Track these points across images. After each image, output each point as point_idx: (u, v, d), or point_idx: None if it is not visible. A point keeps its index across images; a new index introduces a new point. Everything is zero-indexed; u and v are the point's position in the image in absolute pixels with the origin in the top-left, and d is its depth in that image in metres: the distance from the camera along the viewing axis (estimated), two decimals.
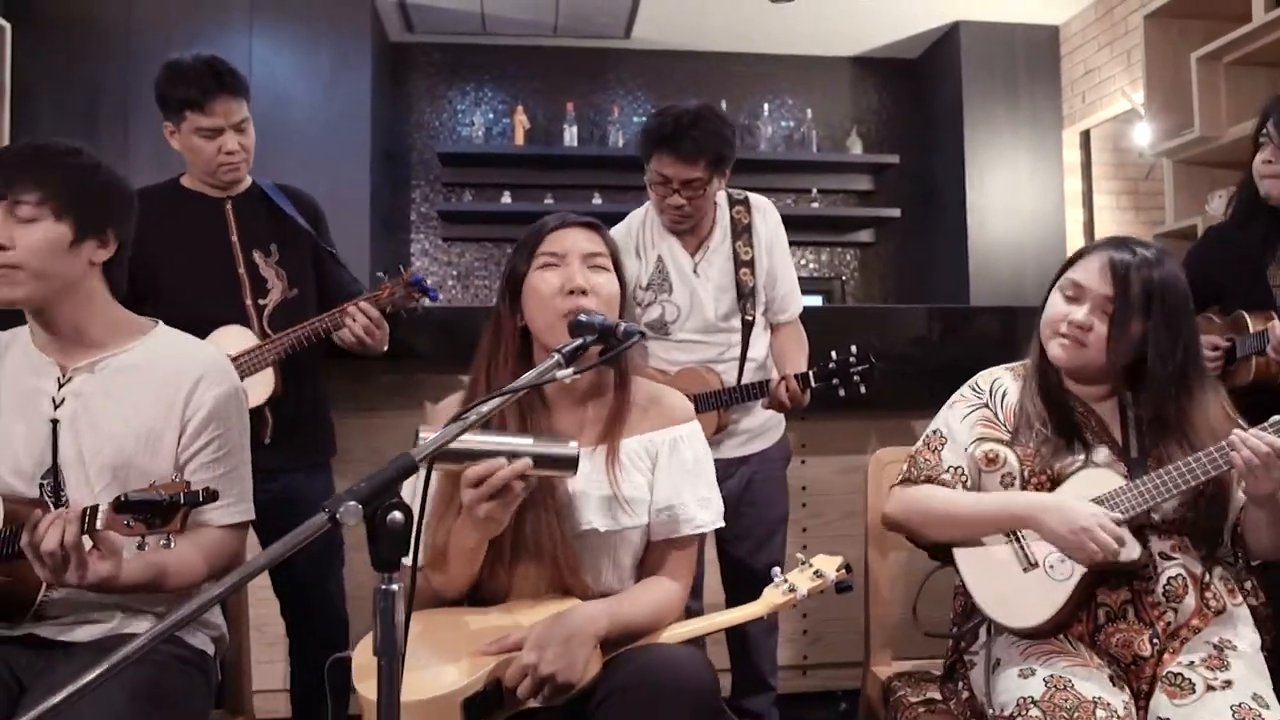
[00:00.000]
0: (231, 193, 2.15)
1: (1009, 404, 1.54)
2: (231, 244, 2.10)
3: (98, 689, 1.18)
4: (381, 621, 0.88)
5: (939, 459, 1.55)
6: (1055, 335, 1.48)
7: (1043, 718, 1.27)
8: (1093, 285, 1.46)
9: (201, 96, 2.01)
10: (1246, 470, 1.30)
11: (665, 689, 1.13)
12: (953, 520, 1.50)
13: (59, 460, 1.38)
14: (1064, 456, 1.46)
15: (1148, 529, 1.42)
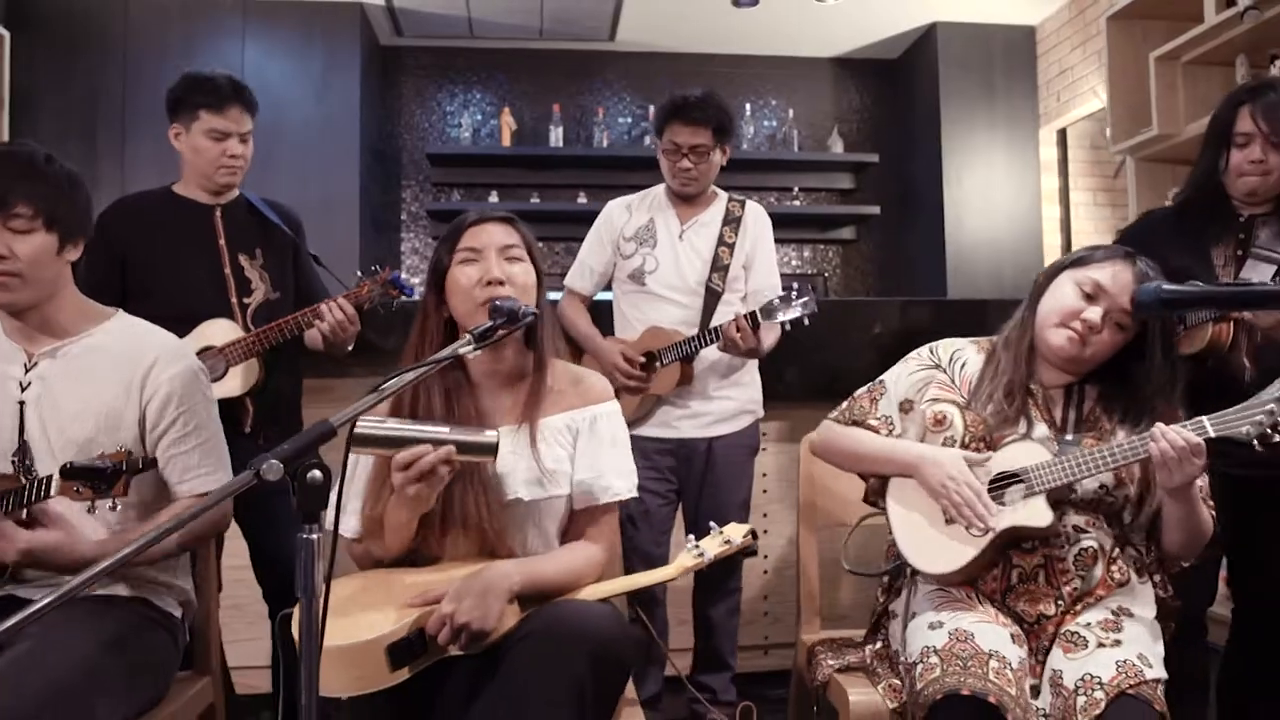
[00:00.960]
0: (221, 200, 2.31)
1: (967, 372, 1.66)
2: (219, 247, 2.26)
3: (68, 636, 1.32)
4: (302, 565, 1.00)
5: (874, 407, 1.69)
6: (1064, 326, 1.56)
7: (940, 665, 1.39)
8: (1116, 294, 1.54)
9: (219, 101, 2.24)
10: (1161, 461, 1.41)
11: (566, 634, 1.25)
12: (856, 458, 1.68)
13: (26, 438, 1.51)
14: (1007, 428, 1.57)
15: (1066, 503, 1.53)
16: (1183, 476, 1.42)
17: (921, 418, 1.64)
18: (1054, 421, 1.59)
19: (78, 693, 1.30)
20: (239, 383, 2.14)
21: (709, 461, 2.48)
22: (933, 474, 1.53)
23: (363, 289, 2.22)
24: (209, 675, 1.71)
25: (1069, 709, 1.33)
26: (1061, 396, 1.62)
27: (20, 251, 1.46)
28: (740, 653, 2.81)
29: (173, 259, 2.23)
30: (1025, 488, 1.50)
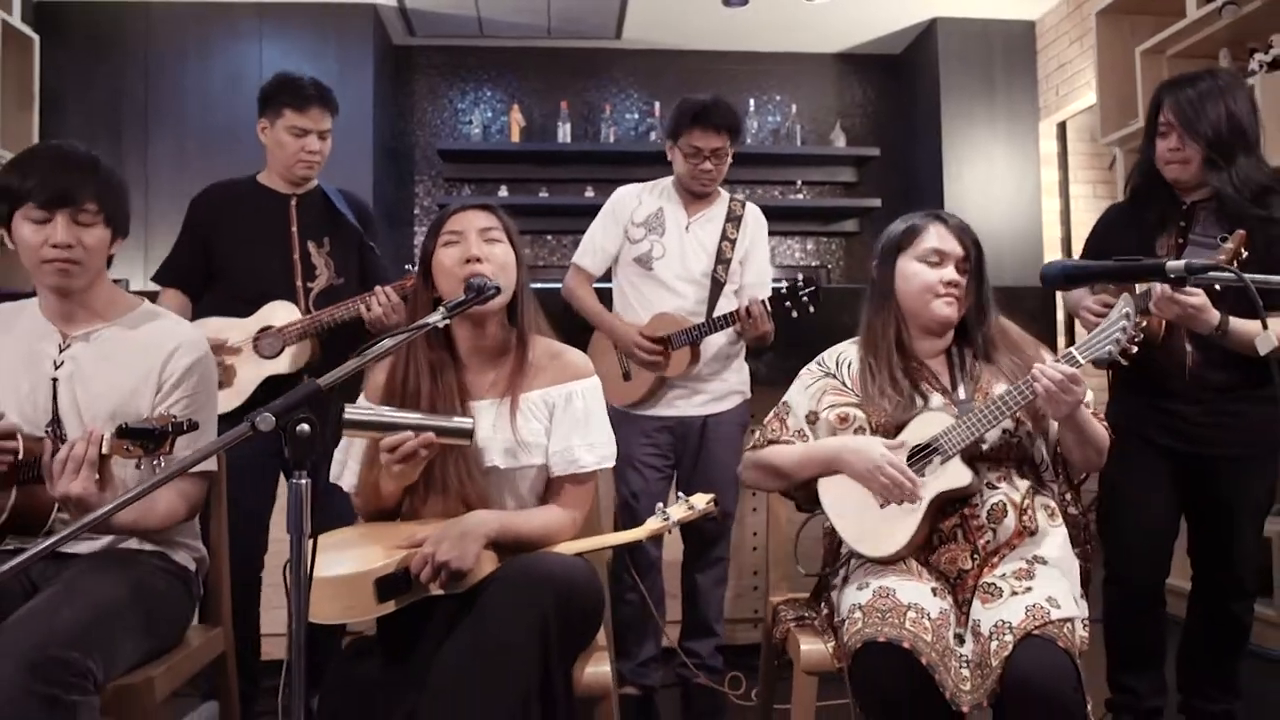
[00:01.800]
0: (298, 191, 2.50)
1: (854, 371, 1.78)
2: (291, 234, 2.45)
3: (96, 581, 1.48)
4: (292, 505, 1.15)
5: (784, 426, 1.81)
6: (938, 297, 1.70)
7: (862, 619, 1.51)
8: (952, 249, 1.71)
9: (302, 101, 2.43)
10: (1047, 397, 1.54)
11: (535, 578, 1.39)
12: (779, 471, 1.76)
13: (59, 411, 1.67)
14: (906, 406, 1.69)
15: (978, 460, 1.66)
16: (1068, 406, 1.55)
17: (827, 422, 1.76)
18: (945, 389, 1.71)
19: (104, 629, 1.45)
20: (290, 361, 2.33)
21: (703, 438, 2.64)
22: (855, 461, 1.64)
23: (408, 280, 2.36)
24: (220, 627, 1.86)
25: (985, 653, 1.45)
26: (944, 365, 1.75)
27: (85, 242, 1.62)
28: (731, 625, 2.96)
29: (248, 244, 2.43)
30: (941, 455, 1.62)
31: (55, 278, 1.63)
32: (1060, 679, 1.40)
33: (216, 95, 5.15)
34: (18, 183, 1.59)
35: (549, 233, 5.90)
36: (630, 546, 2.56)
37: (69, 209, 1.60)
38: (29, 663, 1.33)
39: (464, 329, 1.63)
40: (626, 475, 2.57)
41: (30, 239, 1.60)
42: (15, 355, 1.68)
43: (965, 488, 1.60)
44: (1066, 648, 1.44)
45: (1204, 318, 1.96)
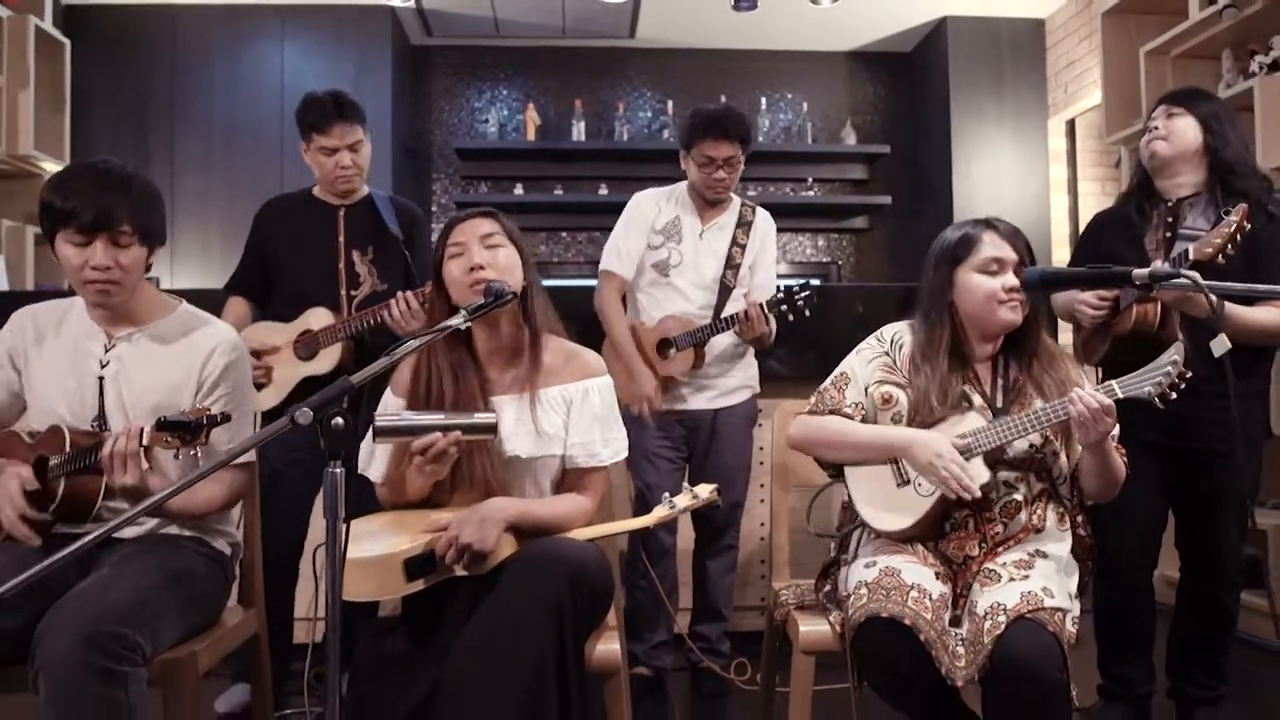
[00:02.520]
0: (347, 201, 2.62)
1: (905, 354, 1.86)
2: (338, 244, 2.57)
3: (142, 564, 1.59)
4: (328, 491, 1.25)
5: (843, 396, 1.87)
6: (1002, 304, 1.77)
7: (867, 595, 1.61)
8: (1009, 256, 1.79)
9: (323, 121, 2.51)
10: (1079, 422, 1.62)
11: (550, 560, 1.49)
12: (846, 444, 1.82)
13: (104, 407, 1.78)
14: (948, 403, 1.77)
15: (1000, 464, 1.74)
16: (1097, 433, 1.63)
17: (873, 399, 1.85)
18: (985, 394, 1.80)
19: (150, 607, 1.57)
20: (325, 363, 2.44)
21: (714, 430, 2.74)
22: (922, 454, 1.71)
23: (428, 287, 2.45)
24: (254, 609, 1.98)
25: (979, 631, 1.55)
26: (990, 371, 1.83)
27: (122, 262, 1.72)
28: (740, 613, 3.05)
29: (298, 255, 2.56)
30: (967, 453, 1.71)
31: (96, 297, 1.74)
32: (1046, 659, 1.49)
33: (239, 96, 5.28)
34: (60, 203, 1.69)
35: (564, 229, 6.00)
36: (645, 536, 2.68)
37: (107, 233, 1.69)
38: (85, 637, 1.45)
39: (481, 330, 1.74)
40: (641, 467, 2.67)
41: (72, 260, 1.71)
42: (63, 355, 1.79)
43: (983, 485, 1.69)
44: (1055, 632, 1.53)
45: (1200, 300, 2.03)
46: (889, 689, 1.63)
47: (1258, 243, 2.15)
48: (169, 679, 1.63)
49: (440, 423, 1.57)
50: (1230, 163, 2.20)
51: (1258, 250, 2.16)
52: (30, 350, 1.81)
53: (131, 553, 1.68)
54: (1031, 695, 1.50)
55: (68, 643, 1.44)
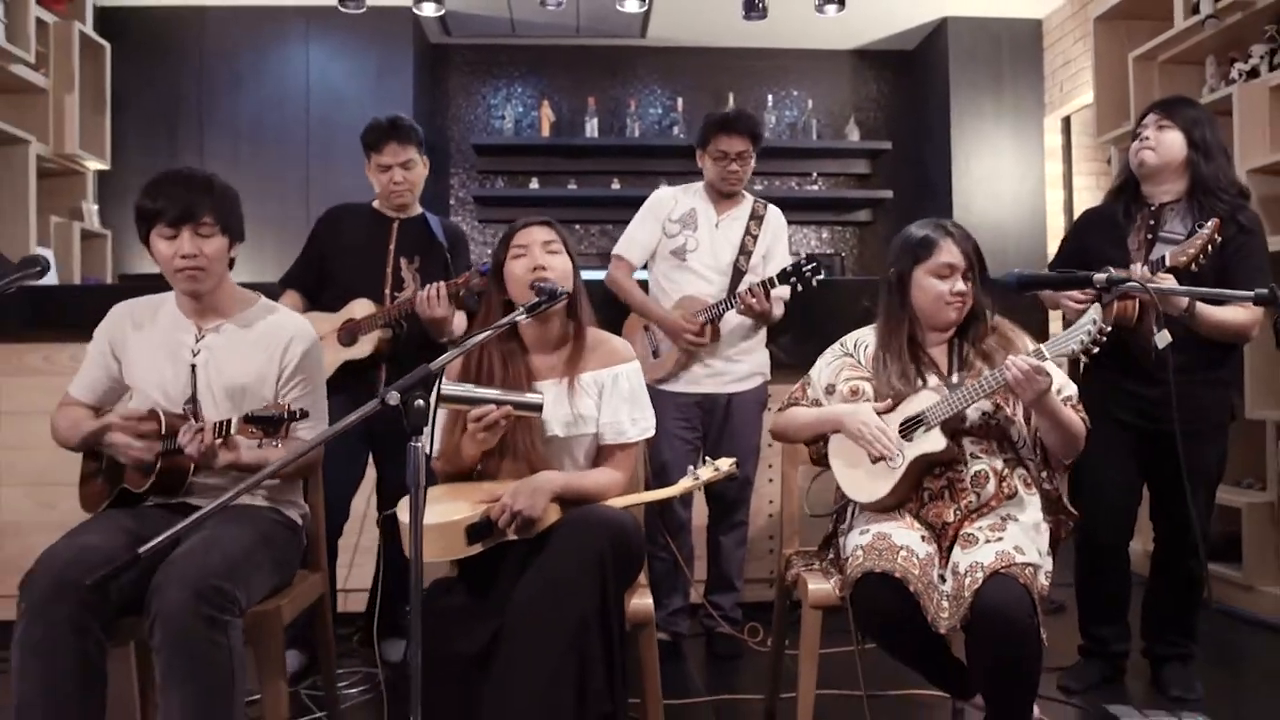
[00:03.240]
0: (401, 215, 2.88)
1: (868, 353, 2.11)
2: (389, 251, 2.83)
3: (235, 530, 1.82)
4: (411, 462, 1.48)
5: (804, 394, 2.16)
6: (948, 304, 2.01)
7: (863, 556, 1.84)
8: (959, 262, 2.01)
9: (378, 140, 2.80)
10: (1015, 383, 1.84)
11: (593, 523, 1.72)
12: (802, 425, 2.12)
13: (196, 392, 2.01)
14: (906, 384, 2.01)
15: (962, 433, 1.98)
16: (1033, 392, 1.84)
17: (841, 393, 2.10)
18: (942, 374, 2.03)
19: (242, 568, 1.79)
20: (367, 348, 2.69)
21: (727, 413, 2.98)
22: (850, 423, 1.99)
23: (462, 279, 2.67)
24: (320, 572, 2.21)
25: (960, 587, 1.77)
26: (945, 353, 2.06)
27: (206, 251, 1.95)
28: (750, 585, 3.29)
29: (352, 259, 2.82)
30: (925, 425, 1.94)
31: (186, 284, 1.97)
32: (1018, 608, 1.72)
33: (267, 95, 5.49)
34: (150, 205, 1.93)
35: (577, 222, 6.22)
36: (663, 511, 2.92)
37: (191, 224, 1.92)
38: (194, 590, 1.68)
39: (531, 324, 1.96)
40: (659, 446, 2.90)
41: (164, 252, 1.94)
42: (158, 344, 2.02)
43: (941, 452, 1.92)
44: (1026, 584, 1.76)
45: (1174, 300, 2.26)
46: (883, 637, 1.86)
47: (1228, 251, 2.38)
48: (259, 629, 1.86)
49: (496, 396, 1.80)
50: (1208, 179, 2.42)
51: (1228, 258, 2.38)
52: (129, 340, 2.04)
53: (222, 521, 1.90)
54: (1006, 638, 1.73)
55: (180, 594, 1.67)
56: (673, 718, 2.37)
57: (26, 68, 4.05)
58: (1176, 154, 2.45)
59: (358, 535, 2.87)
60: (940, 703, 2.49)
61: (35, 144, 4.04)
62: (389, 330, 2.72)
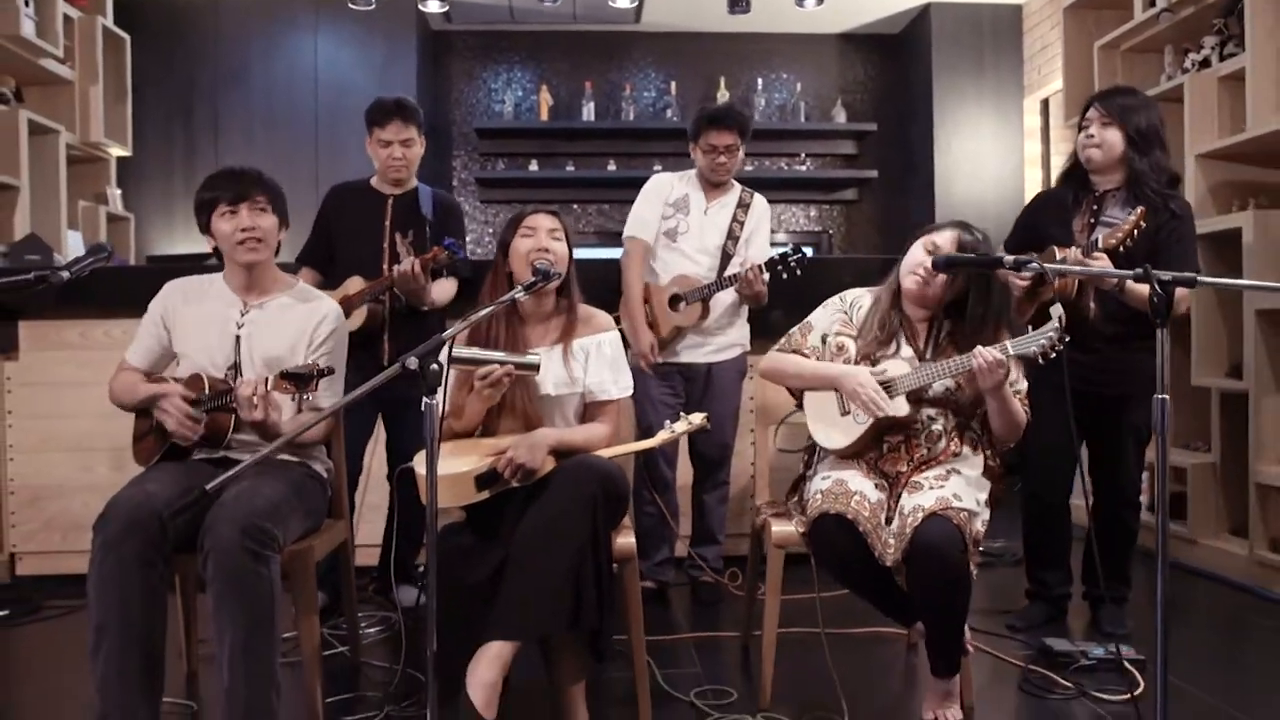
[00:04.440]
0: (396, 191, 3.12)
1: (860, 313, 2.36)
2: (385, 227, 3.07)
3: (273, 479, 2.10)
4: (427, 419, 1.75)
5: (805, 339, 2.38)
6: (912, 274, 2.25)
7: (821, 499, 2.12)
8: (946, 247, 2.24)
9: (382, 117, 3.03)
10: (978, 370, 2.09)
11: (584, 468, 2.00)
12: (800, 375, 2.34)
13: (239, 359, 2.29)
14: (884, 349, 2.27)
15: (924, 400, 2.24)
16: (992, 381, 2.11)
17: (830, 347, 2.35)
18: (918, 347, 2.29)
19: (280, 512, 2.07)
20: (357, 321, 2.94)
21: (708, 381, 3.25)
22: (848, 383, 2.22)
23: (431, 253, 2.92)
24: (343, 519, 2.50)
25: (904, 526, 2.05)
26: (925, 329, 2.32)
27: (262, 225, 2.24)
28: (732, 539, 3.57)
29: (352, 234, 3.07)
30: (894, 391, 2.20)
31: (247, 254, 2.25)
32: (950, 543, 2.00)
33: (278, 82, 5.74)
34: (209, 195, 2.22)
35: (575, 203, 6.47)
36: (651, 470, 3.21)
37: (248, 201, 2.22)
38: (241, 528, 1.96)
39: (529, 299, 2.24)
40: (645, 410, 3.16)
41: (225, 229, 2.22)
42: (209, 316, 2.30)
43: (902, 417, 2.19)
44: (959, 525, 2.02)
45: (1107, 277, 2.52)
46: (837, 570, 2.15)
47: (1161, 235, 2.65)
48: (294, 563, 2.15)
49: (498, 357, 2.08)
50: (1142, 174, 2.68)
51: (1160, 241, 2.66)
52: (179, 313, 2.31)
53: (262, 471, 2.19)
54: (938, 570, 2.00)
55: (229, 532, 1.95)
56: (658, 652, 2.68)
57: (55, 61, 4.30)
58: (1117, 150, 2.71)
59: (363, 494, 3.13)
60: (892, 639, 2.80)
61: (64, 133, 4.30)
62: (377, 304, 2.97)
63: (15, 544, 3.56)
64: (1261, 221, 3.36)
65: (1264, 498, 3.32)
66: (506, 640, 1.86)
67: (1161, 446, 1.72)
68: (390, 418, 3.11)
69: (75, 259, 2.01)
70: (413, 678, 2.45)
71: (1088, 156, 2.76)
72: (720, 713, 2.27)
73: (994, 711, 2.33)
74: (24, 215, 4.01)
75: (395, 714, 2.30)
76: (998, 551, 3.81)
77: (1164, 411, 1.71)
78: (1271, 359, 3.32)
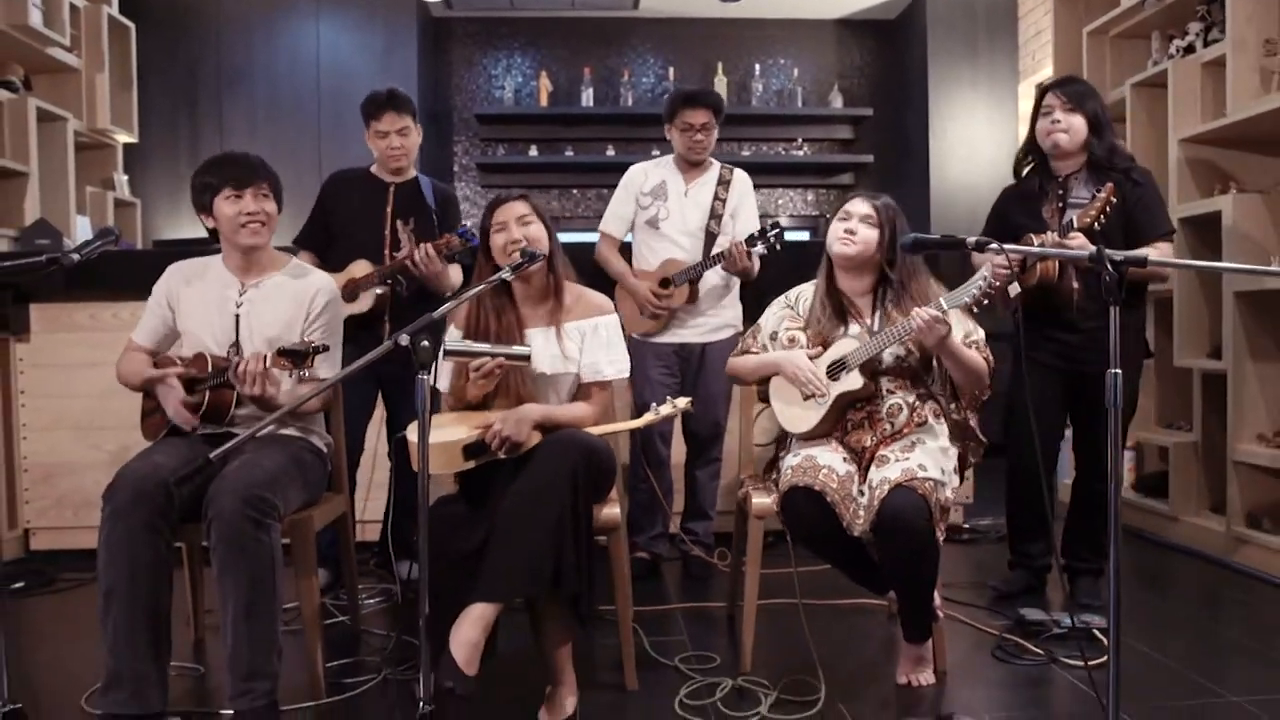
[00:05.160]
0: (397, 180, 3.20)
1: (805, 305, 2.47)
2: (386, 214, 3.15)
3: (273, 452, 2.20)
4: (419, 393, 1.85)
5: (755, 341, 2.51)
6: (838, 240, 2.35)
7: (791, 474, 2.21)
8: (856, 211, 2.35)
9: (376, 110, 3.11)
10: (919, 329, 2.18)
11: (567, 441, 2.09)
12: (750, 368, 2.48)
13: (239, 336, 2.38)
14: (833, 330, 2.37)
15: (880, 373, 2.34)
16: (934, 337, 2.18)
17: (782, 341, 2.45)
18: (864, 323, 2.38)
19: (280, 483, 2.17)
20: (366, 303, 3.03)
21: (702, 360, 3.34)
22: (787, 367, 2.35)
23: (443, 240, 3.01)
24: (342, 494, 2.60)
25: (873, 498, 2.14)
26: (869, 304, 2.41)
27: (265, 209, 2.34)
28: (723, 516, 3.67)
29: (353, 220, 3.14)
30: (846, 367, 2.30)
31: (250, 237, 2.34)
32: (915, 513, 2.09)
33: (280, 69, 5.82)
34: (214, 179, 2.30)
35: (574, 187, 6.55)
36: (646, 448, 3.31)
37: (252, 187, 2.31)
38: (243, 497, 2.06)
39: (519, 283, 2.32)
40: (642, 388, 3.27)
41: (229, 211, 2.31)
42: (208, 297, 2.40)
43: (859, 390, 2.28)
44: (925, 495, 2.11)
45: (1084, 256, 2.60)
46: (808, 539, 2.24)
47: (1129, 205, 2.75)
48: (294, 532, 2.25)
49: (490, 350, 2.17)
50: (1102, 156, 2.79)
51: (1130, 210, 2.76)
52: (182, 294, 2.41)
53: (261, 445, 2.29)
54: (905, 539, 2.10)
55: (232, 501, 2.05)
56: (647, 622, 2.78)
57: (62, 50, 4.39)
58: (1081, 134, 2.81)
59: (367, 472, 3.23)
60: (874, 610, 2.90)
61: (72, 120, 4.39)
62: (386, 287, 3.05)
63: (29, 520, 3.68)
64: (1240, 205, 3.43)
65: (1241, 475, 3.40)
66: (489, 602, 1.96)
67: (1115, 421, 1.81)
68: (390, 398, 3.21)
69: (85, 242, 2.10)
70: (409, 644, 2.56)
71: (1055, 142, 2.84)
72: (702, 677, 2.37)
73: (966, 676, 2.43)
74: (34, 201, 4.11)
75: (394, 676, 2.41)
76: (984, 529, 3.91)
77: (1116, 386, 1.80)
78: (1249, 339, 3.40)
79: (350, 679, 2.39)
